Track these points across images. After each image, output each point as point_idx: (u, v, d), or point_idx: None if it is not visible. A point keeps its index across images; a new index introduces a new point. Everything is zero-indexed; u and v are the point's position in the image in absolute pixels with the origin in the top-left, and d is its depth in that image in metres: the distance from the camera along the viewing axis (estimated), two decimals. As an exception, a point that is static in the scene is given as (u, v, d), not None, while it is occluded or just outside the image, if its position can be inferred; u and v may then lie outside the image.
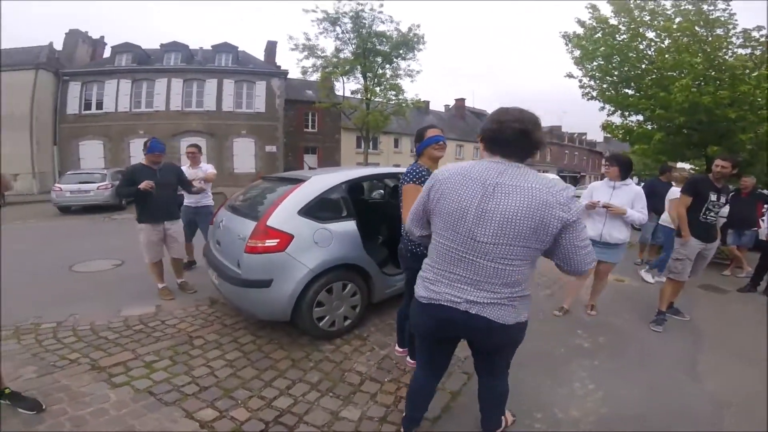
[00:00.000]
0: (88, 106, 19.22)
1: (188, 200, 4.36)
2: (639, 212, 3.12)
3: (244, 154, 20.25)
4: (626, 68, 8.40)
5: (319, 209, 2.75)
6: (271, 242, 2.49)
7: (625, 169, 3.22)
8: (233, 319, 3.16)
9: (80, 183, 10.67)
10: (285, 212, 2.59)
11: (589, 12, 8.69)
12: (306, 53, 16.34)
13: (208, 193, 4.49)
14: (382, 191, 4.73)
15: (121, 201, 10.94)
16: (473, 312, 1.28)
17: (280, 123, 20.81)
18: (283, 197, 2.67)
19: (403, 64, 17.30)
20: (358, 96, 18.05)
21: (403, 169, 3.50)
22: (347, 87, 18.18)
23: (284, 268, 2.52)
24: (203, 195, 4.39)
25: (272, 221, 2.53)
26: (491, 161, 1.28)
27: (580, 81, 9.17)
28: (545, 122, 44.32)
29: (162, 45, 20.80)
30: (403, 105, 17.45)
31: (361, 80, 17.33)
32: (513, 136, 1.23)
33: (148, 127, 18.70)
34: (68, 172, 12.27)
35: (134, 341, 2.79)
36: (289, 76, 21.26)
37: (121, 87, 19.11)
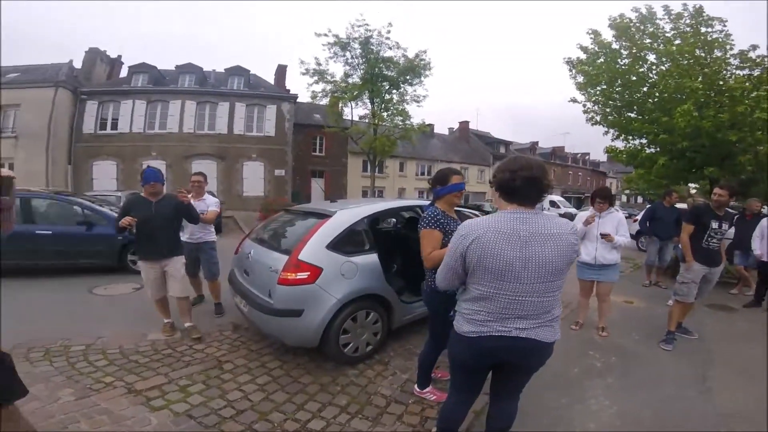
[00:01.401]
0: (103, 126, 19.38)
1: (187, 236, 4.02)
2: (623, 236, 3.59)
3: (254, 178, 20.53)
4: (628, 93, 8.63)
5: (345, 243, 2.94)
6: (302, 275, 2.68)
7: (612, 202, 3.73)
8: (259, 345, 3.30)
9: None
10: (314, 246, 2.78)
11: (591, 37, 8.96)
12: (316, 78, 16.62)
13: (210, 229, 4.19)
14: (394, 220, 4.92)
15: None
16: (523, 336, 1.47)
17: (289, 147, 21.24)
18: (312, 232, 2.86)
19: (409, 89, 17.62)
20: (366, 121, 18.45)
21: (418, 202, 3.79)
22: (355, 112, 18.47)
23: (314, 298, 2.70)
24: (205, 231, 4.13)
25: (303, 255, 2.72)
26: (513, 213, 1.44)
27: (584, 106, 9.38)
28: (548, 143, 44.79)
29: (177, 66, 21.21)
30: (410, 130, 17.79)
31: (369, 105, 17.68)
32: (524, 184, 1.43)
33: (162, 149, 19.15)
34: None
35: (165, 365, 2.91)
36: (298, 100, 21.76)
37: (137, 107, 19.43)
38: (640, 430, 2.27)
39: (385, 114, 17.60)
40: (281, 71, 23.55)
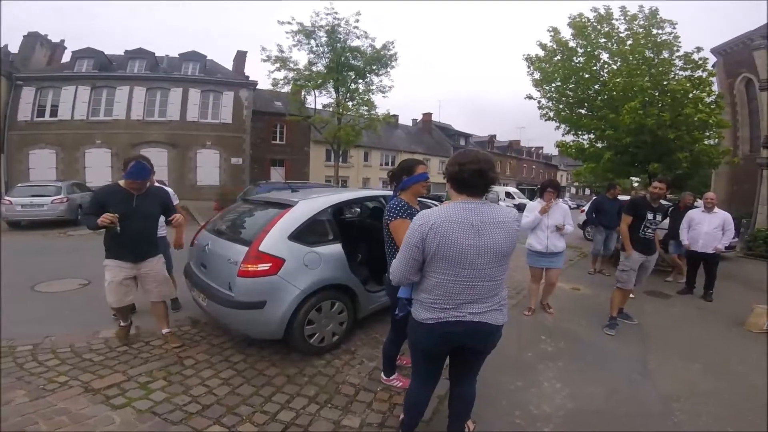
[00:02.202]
0: (41, 113, 17.92)
1: None
2: (569, 225, 3.99)
3: (208, 166, 19.66)
4: (581, 90, 9.13)
5: (308, 233, 2.92)
6: (263, 266, 2.63)
7: (560, 193, 4.09)
8: (220, 339, 3.22)
9: (33, 196, 9.98)
10: (276, 237, 2.73)
11: (551, 35, 9.38)
12: (278, 65, 16.06)
13: (161, 222, 3.48)
14: (358, 210, 4.94)
15: (76, 216, 10.35)
16: (477, 320, 1.57)
17: (247, 135, 20.45)
18: (273, 222, 2.81)
19: (375, 79, 17.44)
20: (330, 110, 18.16)
21: (382, 192, 3.83)
22: (319, 101, 18.04)
23: (277, 290, 2.66)
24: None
25: (264, 246, 2.67)
26: (463, 203, 1.54)
27: (539, 102, 9.84)
28: (505, 136, 46.28)
29: (126, 51, 19.90)
30: (375, 120, 17.72)
31: (334, 94, 17.36)
32: (472, 176, 1.52)
33: (107, 137, 17.87)
34: (19, 185, 11.36)
35: (122, 362, 2.78)
36: (258, 87, 20.99)
37: (80, 93, 18.02)
38: (590, 409, 2.45)
39: (350, 103, 17.36)
40: (241, 57, 22.54)
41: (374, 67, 16.90)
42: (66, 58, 20.41)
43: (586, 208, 10.16)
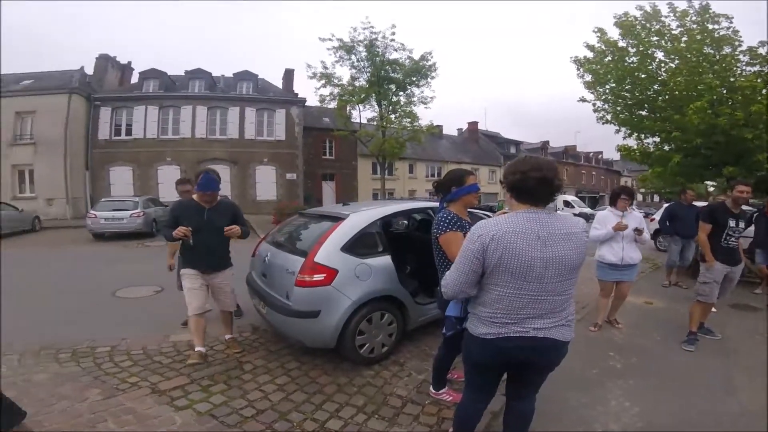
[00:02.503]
0: (118, 132, 19.66)
1: None
2: (646, 234, 3.66)
3: (266, 182, 20.79)
4: (638, 91, 8.52)
5: (359, 245, 3.00)
6: (318, 277, 2.74)
7: (633, 199, 3.79)
8: (277, 345, 3.37)
9: (114, 210, 11.21)
10: (329, 249, 2.84)
11: (597, 35, 8.85)
12: (323, 81, 16.68)
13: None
14: (406, 222, 4.96)
15: (152, 228, 11.45)
16: (541, 335, 1.49)
17: (299, 151, 21.47)
18: (326, 235, 2.93)
19: (416, 91, 17.58)
20: (374, 123, 18.52)
21: (429, 204, 3.82)
22: (363, 115, 18.51)
23: (330, 300, 2.76)
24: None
25: (319, 257, 2.79)
26: (527, 213, 1.47)
27: (594, 105, 9.30)
28: (559, 142, 44.23)
29: (186, 72, 21.54)
30: (418, 131, 17.79)
31: (377, 108, 17.74)
32: (536, 184, 1.45)
33: (176, 154, 19.50)
34: (102, 200, 12.87)
35: (188, 366, 2.95)
36: (306, 103, 21.98)
37: (149, 113, 19.70)
38: (663, 430, 2.26)
39: (392, 116, 17.62)
40: (289, 75, 23.74)
41: (414, 79, 17.03)
42: (134, 78, 22.29)
43: (657, 216, 9.34)
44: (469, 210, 2.40)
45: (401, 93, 17.49)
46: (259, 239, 3.99)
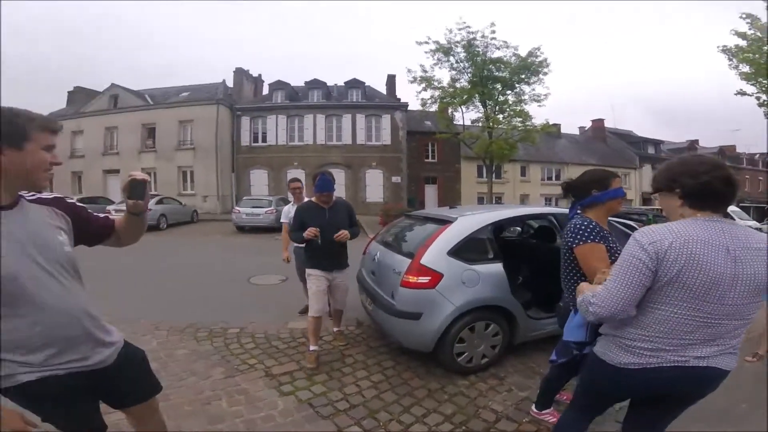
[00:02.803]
0: (255, 139, 22.40)
1: (298, 244, 3.51)
2: None
3: (374, 185, 22.03)
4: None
5: (467, 250, 2.90)
6: (423, 279, 2.74)
7: None
8: (377, 342, 3.49)
9: (253, 207, 13.30)
10: (436, 252, 2.82)
11: (747, 22, 7.43)
12: (424, 85, 16.75)
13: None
14: (519, 228, 4.65)
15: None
16: (703, 365, 1.25)
17: (403, 154, 22.14)
18: (434, 237, 2.91)
19: (527, 88, 16.54)
20: (479, 124, 17.89)
21: (550, 210, 3.52)
22: (467, 116, 18.00)
23: (433, 304, 2.73)
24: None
25: (425, 260, 2.78)
26: (709, 221, 1.23)
27: (758, 99, 7.73)
28: (712, 141, 35.58)
29: (306, 82, 23.50)
30: (532, 131, 16.57)
31: (481, 108, 17.13)
32: (722, 186, 1.22)
33: (301, 159, 21.87)
34: (244, 198, 15.43)
35: (299, 353, 3.23)
36: (409, 108, 22.46)
37: (279, 122, 22.39)
38: None
39: (500, 116, 16.74)
40: (391, 81, 24.50)
41: (523, 76, 16.02)
42: (264, 90, 25.48)
43: None
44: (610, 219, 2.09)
45: (509, 92, 16.64)
46: (370, 238, 4.18)
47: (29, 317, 1.08)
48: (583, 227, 1.82)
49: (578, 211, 1.97)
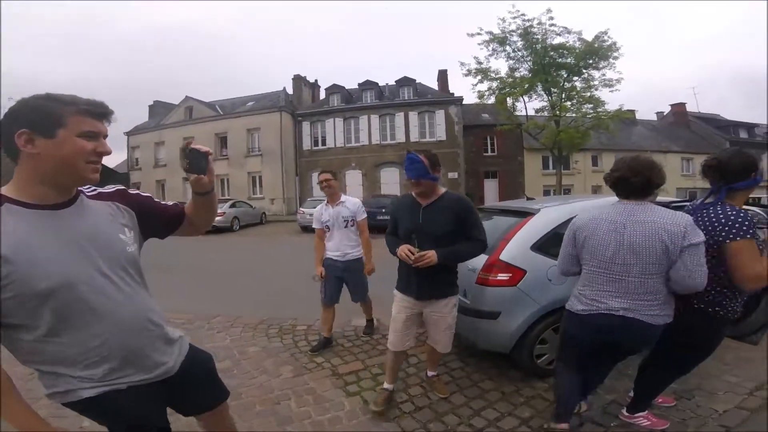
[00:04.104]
0: (316, 143, 23.48)
1: (332, 252, 3.20)
2: None
3: (431, 182, 21.87)
4: None
5: (553, 245, 2.59)
6: (503, 276, 2.53)
7: None
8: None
9: (315, 208, 13.80)
10: (517, 247, 2.60)
11: None
12: (480, 77, 16.33)
13: (358, 242, 3.28)
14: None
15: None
16: (620, 314, 1.70)
17: (460, 149, 21.62)
18: (514, 231, 2.68)
19: (596, 74, 15.45)
20: (545, 114, 16.89)
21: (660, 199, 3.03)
22: (530, 106, 17.11)
23: (514, 302, 2.52)
24: (354, 244, 3.21)
25: (505, 255, 2.57)
26: (620, 203, 1.77)
27: None
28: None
29: (359, 84, 24.24)
30: (604, 118, 15.22)
31: (546, 97, 16.22)
32: (621, 182, 1.74)
33: (358, 160, 22.50)
34: (308, 199, 16.22)
35: (363, 351, 3.20)
36: (464, 102, 21.92)
37: (336, 125, 23.21)
38: None
39: (568, 103, 15.68)
40: (443, 76, 24.20)
41: (591, 62, 15.02)
42: (321, 94, 26.32)
43: None
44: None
45: (576, 78, 15.69)
46: None
47: (87, 329, 0.98)
48: (740, 219, 1.60)
49: (722, 200, 1.71)
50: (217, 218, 16.81)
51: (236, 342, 3.48)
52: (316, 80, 27.77)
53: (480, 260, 2.67)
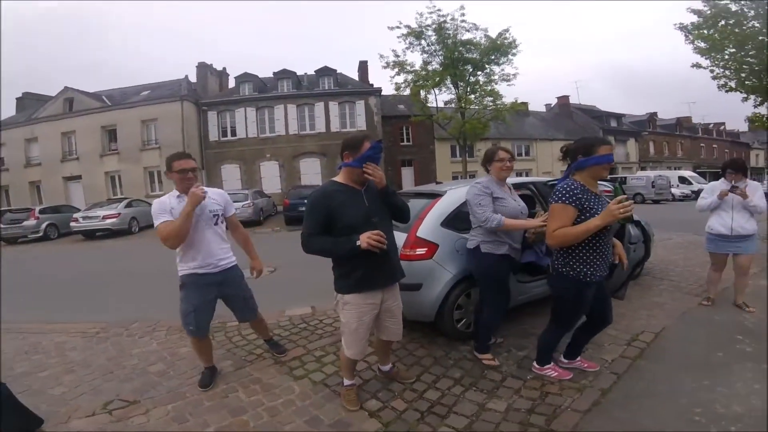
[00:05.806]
0: (224, 133, 21.75)
1: (200, 264, 2.47)
2: (759, 200, 3.28)
3: (352, 171, 22.01)
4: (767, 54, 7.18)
5: (458, 220, 3.02)
6: (420, 251, 2.86)
7: (746, 173, 3.44)
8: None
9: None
10: (430, 224, 2.94)
11: (702, 1, 7.89)
12: (397, 70, 16.88)
13: (228, 245, 2.67)
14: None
15: (259, 217, 12.93)
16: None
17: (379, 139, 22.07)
18: (426, 210, 3.02)
19: (496, 69, 16.96)
20: (452, 106, 18.16)
21: (529, 179, 3.69)
22: (440, 98, 18.23)
23: (431, 273, 2.86)
24: (226, 249, 2.62)
25: (421, 232, 2.90)
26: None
27: (712, 72, 8.21)
28: (670, 113, 38.42)
29: (274, 73, 22.83)
30: (502, 110, 16.96)
31: (454, 90, 17.41)
32: None
33: (274, 150, 21.46)
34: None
35: (302, 338, 3.26)
36: (382, 93, 22.42)
37: (248, 114, 21.74)
38: None
39: (472, 96, 17.07)
40: (363, 67, 24.38)
41: (492, 57, 16.39)
42: (230, 83, 24.47)
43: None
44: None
45: (479, 72, 16.98)
46: None
47: None
48: (561, 189, 2.02)
49: (568, 175, 2.16)
50: (112, 221, 14.15)
51: (164, 345, 3.32)
52: (224, 68, 25.85)
53: (401, 238, 2.95)
